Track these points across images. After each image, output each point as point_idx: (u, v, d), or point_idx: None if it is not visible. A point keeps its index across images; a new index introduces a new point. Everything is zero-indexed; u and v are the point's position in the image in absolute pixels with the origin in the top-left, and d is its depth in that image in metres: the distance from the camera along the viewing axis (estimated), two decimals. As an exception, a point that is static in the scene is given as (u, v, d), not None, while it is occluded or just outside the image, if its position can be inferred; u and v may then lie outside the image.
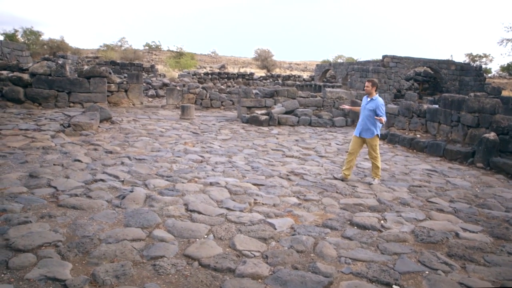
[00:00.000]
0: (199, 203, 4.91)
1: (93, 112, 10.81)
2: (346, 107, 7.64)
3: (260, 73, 37.99)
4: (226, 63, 45.75)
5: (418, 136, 10.99)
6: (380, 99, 6.59)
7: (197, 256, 3.48)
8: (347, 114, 14.56)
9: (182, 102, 16.95)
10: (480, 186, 6.86)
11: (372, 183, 6.50)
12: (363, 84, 6.70)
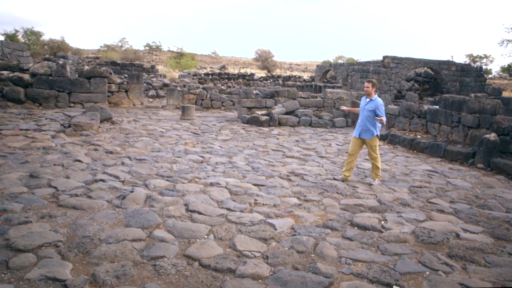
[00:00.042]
0: (199, 203, 4.90)
1: (94, 112, 10.82)
2: (345, 108, 7.63)
3: (260, 73, 38.00)
4: (226, 63, 45.77)
5: (419, 137, 10.98)
6: (379, 99, 6.59)
7: (198, 257, 3.48)
8: (347, 115, 14.56)
9: (183, 103, 16.96)
10: (480, 187, 6.86)
11: (372, 184, 6.50)
12: (364, 85, 6.70)
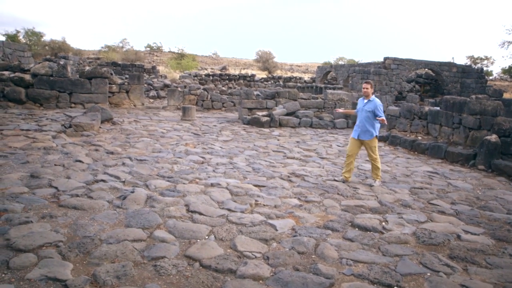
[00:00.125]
0: (200, 204, 4.90)
1: (94, 112, 10.82)
2: (341, 110, 7.63)
3: (261, 74, 38.02)
4: (227, 64, 45.81)
5: (420, 138, 10.97)
6: (377, 100, 6.59)
7: (198, 257, 3.48)
8: (348, 116, 14.56)
9: (183, 103, 16.97)
10: (481, 188, 6.85)
11: (373, 185, 6.49)
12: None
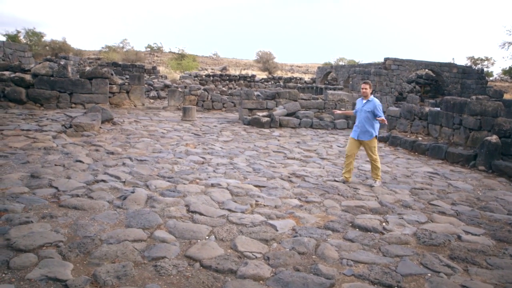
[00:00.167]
0: (200, 204, 4.90)
1: (95, 113, 10.82)
2: (339, 111, 7.63)
3: (261, 75, 38.04)
4: (227, 65, 45.83)
5: (420, 138, 10.97)
6: (376, 100, 6.60)
7: (199, 257, 3.47)
8: (348, 117, 14.55)
9: (184, 104, 16.97)
10: (482, 189, 6.84)
11: (373, 186, 6.49)
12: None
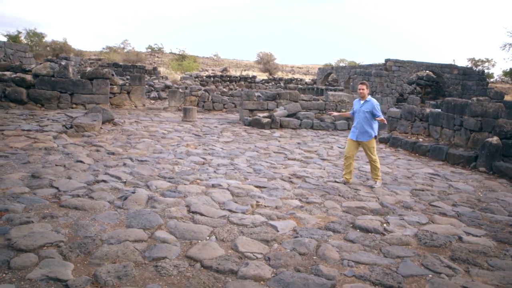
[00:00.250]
0: (201, 204, 4.89)
1: (96, 113, 10.83)
2: (335, 113, 7.60)
3: (262, 76, 38.06)
4: (228, 66, 45.87)
5: (421, 140, 10.96)
6: (374, 100, 6.61)
7: (199, 258, 3.47)
8: (349, 118, 14.55)
9: (184, 105, 16.97)
10: (483, 190, 6.83)
11: (374, 186, 6.48)
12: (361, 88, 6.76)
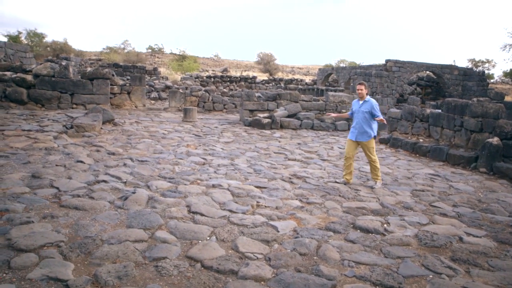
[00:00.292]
0: (201, 205, 4.89)
1: (96, 113, 10.82)
2: (333, 115, 7.64)
3: (262, 76, 38.06)
4: (228, 66, 45.88)
5: (421, 140, 10.96)
6: (373, 100, 6.63)
7: (200, 258, 3.47)
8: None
9: (185, 105, 16.98)
10: (483, 191, 6.83)
11: (374, 187, 6.47)
12: (360, 88, 6.79)
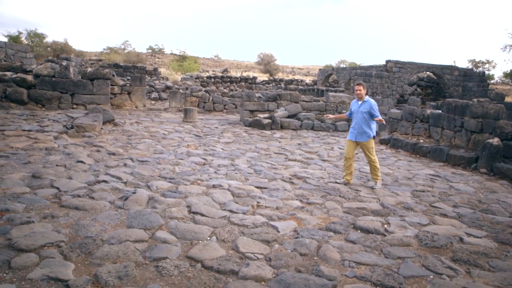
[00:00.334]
0: (202, 205, 4.89)
1: (96, 114, 10.82)
2: (331, 116, 7.62)
3: (262, 77, 38.07)
4: (228, 67, 45.89)
5: (421, 141, 10.96)
6: (372, 100, 6.63)
7: (200, 258, 3.47)
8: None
9: (185, 105, 16.98)
10: (483, 191, 6.83)
11: (375, 188, 6.47)
12: (359, 89, 6.76)
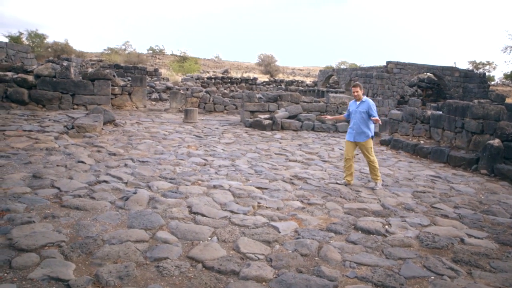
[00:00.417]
0: (202, 205, 4.89)
1: (97, 114, 10.83)
2: (330, 117, 7.63)
3: (263, 78, 38.12)
4: (229, 67, 45.92)
5: (422, 142, 10.96)
6: (370, 100, 6.64)
7: (201, 258, 3.47)
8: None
9: (185, 106, 16.98)
10: (484, 192, 6.82)
11: (375, 188, 6.47)
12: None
